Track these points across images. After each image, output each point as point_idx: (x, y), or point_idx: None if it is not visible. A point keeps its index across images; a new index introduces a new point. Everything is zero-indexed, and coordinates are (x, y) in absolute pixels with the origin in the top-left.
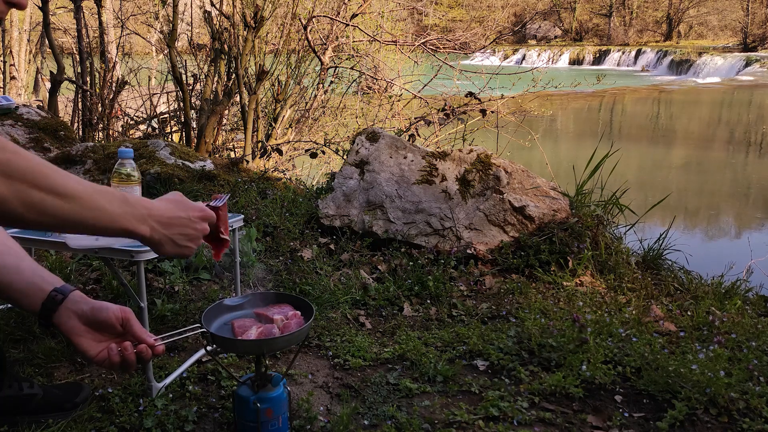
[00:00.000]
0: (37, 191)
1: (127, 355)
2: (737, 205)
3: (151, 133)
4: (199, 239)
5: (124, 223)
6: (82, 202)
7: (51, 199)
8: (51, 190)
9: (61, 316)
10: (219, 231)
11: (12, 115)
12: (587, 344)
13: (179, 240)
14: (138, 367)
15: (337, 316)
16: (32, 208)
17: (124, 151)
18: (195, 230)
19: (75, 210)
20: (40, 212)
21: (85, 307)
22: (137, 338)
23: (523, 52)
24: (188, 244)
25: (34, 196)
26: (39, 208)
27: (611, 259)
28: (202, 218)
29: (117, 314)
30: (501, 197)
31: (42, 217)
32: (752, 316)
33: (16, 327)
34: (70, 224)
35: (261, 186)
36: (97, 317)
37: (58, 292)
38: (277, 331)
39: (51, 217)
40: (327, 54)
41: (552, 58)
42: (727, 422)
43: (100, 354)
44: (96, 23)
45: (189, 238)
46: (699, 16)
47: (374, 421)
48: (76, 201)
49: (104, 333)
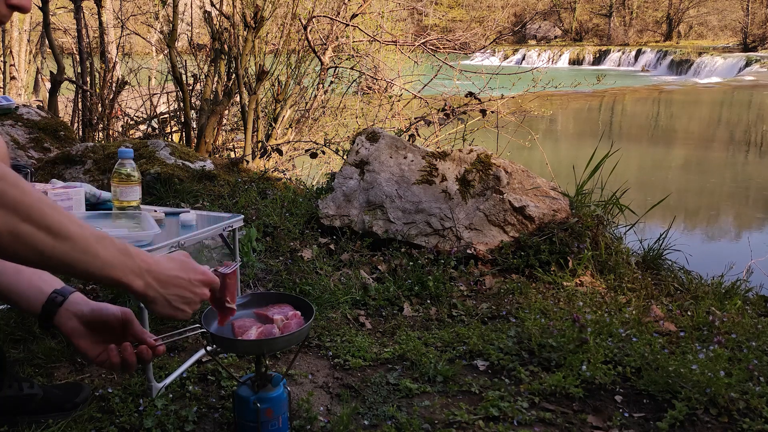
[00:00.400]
0: (28, 225)
1: (126, 356)
2: (737, 205)
3: (151, 133)
4: (196, 304)
5: (117, 273)
6: (74, 244)
7: (42, 236)
8: (44, 227)
9: (62, 317)
10: (225, 299)
11: (12, 115)
12: (587, 344)
13: (175, 301)
14: (138, 367)
15: (337, 316)
16: (19, 241)
17: (124, 151)
18: (193, 293)
19: (65, 251)
20: (28, 247)
21: (85, 308)
22: (137, 339)
23: (523, 52)
24: (183, 307)
25: (24, 229)
26: (27, 242)
27: (611, 259)
28: (203, 282)
29: (117, 315)
30: (501, 197)
31: (29, 253)
32: (752, 316)
33: (16, 327)
34: (58, 264)
35: (261, 186)
36: (97, 318)
37: (58, 293)
38: (277, 331)
39: (38, 255)
40: (327, 54)
41: (552, 58)
42: (727, 422)
43: (100, 355)
44: (96, 23)
45: (185, 301)
46: (699, 16)
47: (374, 421)
48: (68, 242)
49: (104, 334)
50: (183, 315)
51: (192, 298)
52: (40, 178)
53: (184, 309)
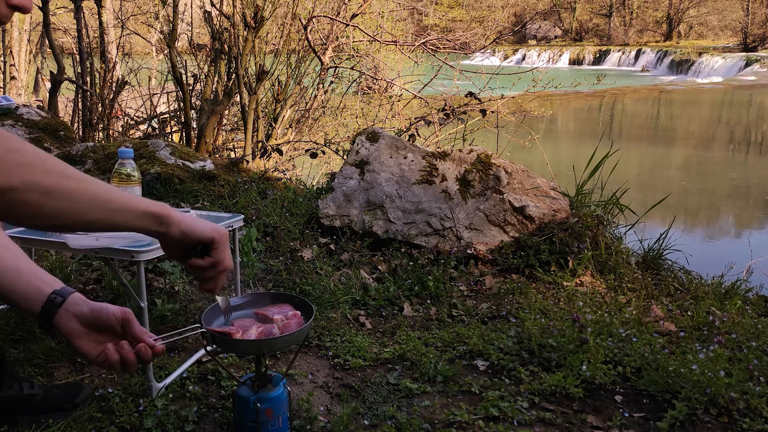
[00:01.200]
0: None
1: (124, 354)
2: (737, 205)
3: (151, 133)
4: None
5: (146, 203)
6: (91, 180)
7: (67, 182)
8: (66, 175)
9: (61, 318)
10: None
11: (12, 115)
12: (587, 344)
13: (205, 221)
14: (138, 367)
15: (337, 316)
16: (53, 194)
17: (124, 151)
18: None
19: (99, 189)
20: (60, 196)
21: (85, 309)
22: (137, 339)
23: (523, 52)
24: (217, 225)
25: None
26: (58, 192)
27: (611, 259)
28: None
29: (117, 315)
30: (501, 197)
31: (61, 202)
32: (752, 316)
33: (16, 327)
34: (94, 205)
35: (261, 186)
36: (97, 319)
37: (57, 294)
38: (277, 331)
39: (71, 201)
40: (327, 54)
41: (552, 58)
42: (727, 422)
43: (100, 355)
44: (96, 23)
45: (216, 225)
46: (699, 16)
47: (374, 421)
48: (93, 182)
49: (104, 334)
50: (220, 229)
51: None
52: None
53: (219, 226)
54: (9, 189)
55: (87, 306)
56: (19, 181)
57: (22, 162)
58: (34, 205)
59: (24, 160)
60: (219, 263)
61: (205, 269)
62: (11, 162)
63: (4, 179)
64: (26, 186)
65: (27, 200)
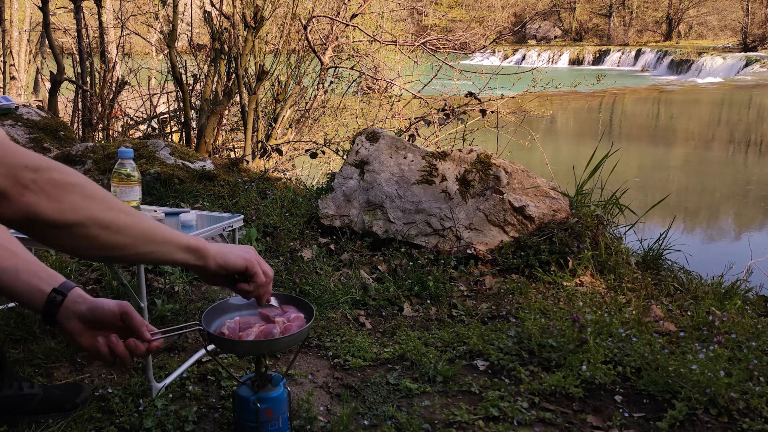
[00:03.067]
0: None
1: (114, 347)
2: (737, 205)
3: (151, 133)
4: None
5: (186, 238)
6: (142, 216)
7: (124, 217)
8: (123, 210)
9: (62, 317)
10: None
11: (12, 115)
12: (587, 344)
13: (236, 250)
14: (132, 360)
15: (337, 316)
16: (106, 230)
17: (124, 151)
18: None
19: (149, 224)
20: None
21: (83, 307)
22: (136, 331)
23: (523, 52)
24: (247, 250)
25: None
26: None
27: (611, 259)
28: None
29: (114, 310)
30: (501, 197)
31: (118, 236)
32: (752, 316)
33: (16, 327)
34: (144, 240)
35: (261, 186)
36: (96, 316)
37: (57, 293)
38: (277, 331)
39: (126, 236)
40: (327, 54)
41: (552, 58)
42: (727, 422)
43: (94, 345)
44: (96, 23)
45: (245, 250)
46: (699, 16)
47: (374, 421)
48: (144, 218)
49: (104, 330)
50: (249, 256)
51: (248, 250)
52: None
53: (248, 251)
54: (75, 224)
55: (86, 303)
56: (84, 216)
57: (86, 196)
58: (93, 239)
59: (88, 195)
60: (261, 285)
61: (252, 291)
62: (78, 197)
63: (70, 215)
64: (90, 221)
65: (88, 234)
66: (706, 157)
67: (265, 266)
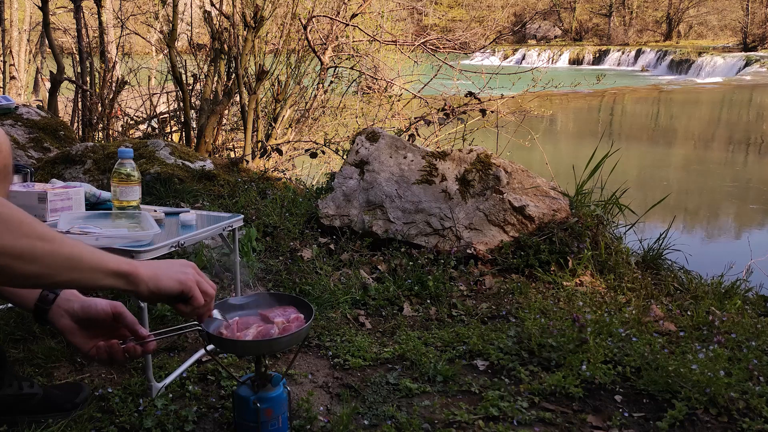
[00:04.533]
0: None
1: (113, 353)
2: (737, 205)
3: (151, 133)
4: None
5: (115, 263)
6: (64, 240)
7: (41, 245)
8: (42, 237)
9: (54, 314)
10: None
11: (12, 115)
12: (587, 344)
13: (174, 272)
14: (130, 362)
15: (337, 316)
16: (24, 256)
17: (123, 151)
18: (184, 270)
19: (73, 250)
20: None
21: (76, 305)
22: (130, 331)
23: (523, 52)
24: (184, 270)
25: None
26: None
27: (611, 259)
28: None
29: (106, 309)
30: (501, 197)
31: (32, 265)
32: (752, 316)
33: (16, 327)
34: (66, 267)
35: (261, 186)
36: (87, 315)
37: (49, 290)
38: (276, 331)
39: (42, 265)
40: (327, 54)
41: (552, 58)
42: (727, 422)
43: (90, 351)
44: (96, 23)
45: (182, 272)
46: (699, 16)
47: (374, 421)
48: (67, 243)
49: (96, 328)
50: (186, 277)
51: (186, 270)
52: (40, 178)
53: (186, 272)
54: None
55: (78, 302)
56: None
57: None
58: (5, 269)
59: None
60: (199, 308)
61: (189, 312)
62: None
63: None
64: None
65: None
66: (706, 157)
67: (204, 285)
